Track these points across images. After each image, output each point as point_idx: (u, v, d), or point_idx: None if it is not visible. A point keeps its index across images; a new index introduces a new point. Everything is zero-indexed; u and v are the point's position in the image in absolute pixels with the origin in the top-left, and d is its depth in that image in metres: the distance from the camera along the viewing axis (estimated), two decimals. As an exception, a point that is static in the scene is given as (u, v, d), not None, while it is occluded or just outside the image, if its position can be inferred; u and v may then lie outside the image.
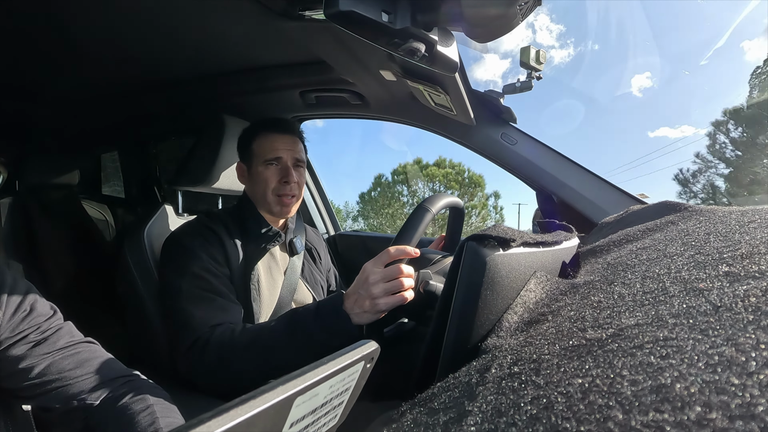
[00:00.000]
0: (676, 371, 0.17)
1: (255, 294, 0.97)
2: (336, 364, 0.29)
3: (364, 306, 0.71)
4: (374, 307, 0.70)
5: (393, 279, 0.70)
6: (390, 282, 0.70)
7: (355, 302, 0.72)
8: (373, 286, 0.70)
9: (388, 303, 0.70)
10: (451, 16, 0.64)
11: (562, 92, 46.63)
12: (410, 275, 0.72)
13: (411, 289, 0.72)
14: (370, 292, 0.70)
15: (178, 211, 1.24)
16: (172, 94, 1.42)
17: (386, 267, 0.71)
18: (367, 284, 0.70)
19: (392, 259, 0.71)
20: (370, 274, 0.71)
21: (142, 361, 0.97)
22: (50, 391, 0.58)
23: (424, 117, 1.35)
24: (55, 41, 1.06)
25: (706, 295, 0.23)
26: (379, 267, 0.71)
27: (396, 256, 0.71)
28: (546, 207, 1.25)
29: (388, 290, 0.70)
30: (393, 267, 0.70)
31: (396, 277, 0.70)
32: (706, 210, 0.50)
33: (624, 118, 47.17)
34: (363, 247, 1.73)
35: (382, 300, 0.70)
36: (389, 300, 0.70)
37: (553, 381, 0.20)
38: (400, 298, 0.70)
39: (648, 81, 46.05)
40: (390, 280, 0.70)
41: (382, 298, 0.70)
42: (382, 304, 0.70)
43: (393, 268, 0.70)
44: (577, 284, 0.40)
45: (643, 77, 48.20)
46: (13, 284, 0.59)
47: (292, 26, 0.90)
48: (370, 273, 0.71)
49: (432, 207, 0.77)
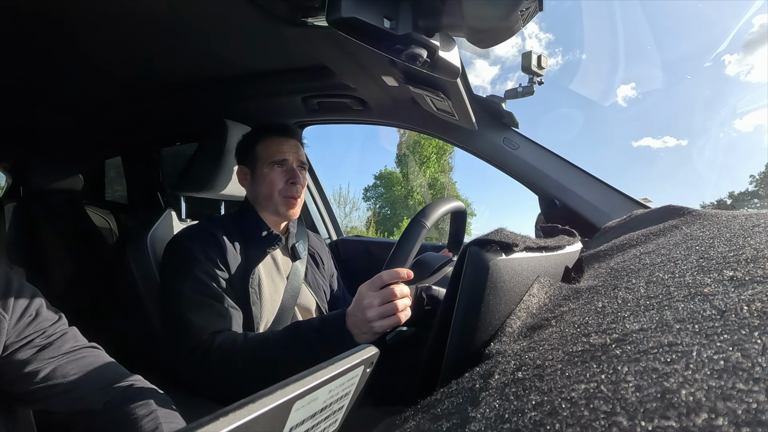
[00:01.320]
0: (681, 377, 0.17)
1: (255, 298, 0.97)
2: (335, 368, 0.29)
3: (363, 328, 0.72)
4: (371, 329, 0.71)
5: (387, 302, 0.71)
6: (384, 306, 0.71)
7: (354, 323, 0.73)
8: (368, 309, 0.71)
9: (383, 326, 0.71)
10: (453, 21, 0.64)
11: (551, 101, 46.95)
12: (405, 295, 0.72)
13: (408, 308, 0.73)
14: (365, 316, 0.71)
15: (181, 217, 1.24)
16: (175, 99, 1.43)
17: (381, 289, 0.71)
18: (362, 307, 0.72)
19: (385, 284, 0.71)
20: (364, 298, 0.72)
21: (144, 365, 0.97)
22: (54, 395, 0.59)
23: (426, 122, 1.35)
24: (60, 48, 1.07)
25: (711, 300, 0.23)
26: (374, 290, 0.72)
27: (389, 281, 0.71)
28: (549, 211, 1.25)
29: (382, 313, 0.71)
30: (386, 290, 0.71)
31: (390, 300, 0.71)
32: (711, 214, 0.50)
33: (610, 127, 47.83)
34: (365, 252, 1.73)
35: (377, 323, 0.71)
36: (384, 323, 0.71)
37: (557, 387, 0.20)
38: (395, 320, 0.71)
39: (632, 91, 46.58)
40: (385, 303, 0.71)
41: (377, 321, 0.71)
42: (378, 326, 0.71)
43: (386, 291, 0.71)
44: (580, 289, 0.39)
45: (628, 88, 48.72)
46: (19, 289, 0.59)
47: (295, 32, 0.90)
48: (365, 297, 0.72)
49: (427, 221, 0.76)
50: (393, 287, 0.71)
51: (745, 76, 45.47)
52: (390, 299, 0.71)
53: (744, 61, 44.72)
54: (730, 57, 47.66)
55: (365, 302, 0.71)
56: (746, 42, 43.80)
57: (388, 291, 0.71)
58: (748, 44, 43.15)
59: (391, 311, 0.71)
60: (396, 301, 0.71)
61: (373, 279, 0.72)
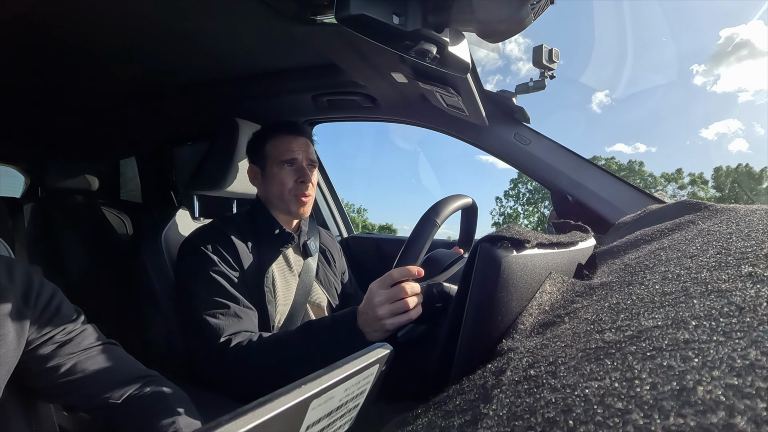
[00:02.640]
0: (698, 374, 0.16)
1: (270, 296, 0.98)
2: (351, 367, 0.29)
3: (374, 326, 0.72)
4: (382, 327, 0.71)
5: (398, 299, 0.71)
6: (395, 303, 0.71)
7: (365, 321, 0.74)
8: (379, 307, 0.71)
9: (394, 323, 0.71)
10: (462, 16, 0.64)
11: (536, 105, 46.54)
12: (416, 293, 0.72)
13: (419, 305, 0.73)
14: (376, 314, 0.71)
15: (194, 215, 1.26)
16: (187, 99, 1.44)
17: (392, 287, 0.71)
18: (372, 305, 0.72)
19: (395, 282, 0.71)
20: (375, 296, 0.72)
21: (160, 362, 0.98)
22: (74, 390, 0.60)
23: (436, 118, 1.34)
24: (74, 50, 1.09)
25: (729, 297, 0.23)
26: (384, 288, 0.72)
27: (399, 279, 0.71)
28: (561, 207, 1.23)
29: (393, 311, 0.71)
30: (397, 288, 0.71)
31: (401, 298, 0.71)
32: (728, 209, 0.48)
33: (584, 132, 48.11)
34: (376, 250, 1.73)
35: (388, 321, 0.71)
36: (395, 320, 0.71)
37: (570, 384, 0.20)
38: (406, 318, 0.71)
39: (606, 98, 46.36)
40: (395, 301, 0.71)
41: (388, 319, 0.71)
42: (389, 324, 0.71)
43: (397, 289, 0.71)
44: (593, 285, 0.39)
45: (602, 94, 48.45)
46: (41, 286, 0.61)
47: (304, 30, 0.91)
48: (375, 294, 0.72)
49: (438, 218, 0.76)
50: (403, 285, 0.71)
51: (710, 86, 45.45)
52: (400, 297, 0.71)
53: (710, 72, 44.98)
54: (698, 67, 48.12)
55: (376, 300, 0.71)
56: (713, 53, 43.83)
57: (399, 289, 0.71)
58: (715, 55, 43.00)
59: (402, 309, 0.71)
60: (407, 298, 0.71)
61: (384, 277, 0.72)
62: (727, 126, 67.19)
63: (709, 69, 43.19)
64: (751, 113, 78.60)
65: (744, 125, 74.55)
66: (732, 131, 77.74)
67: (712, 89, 43.72)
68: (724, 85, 44.77)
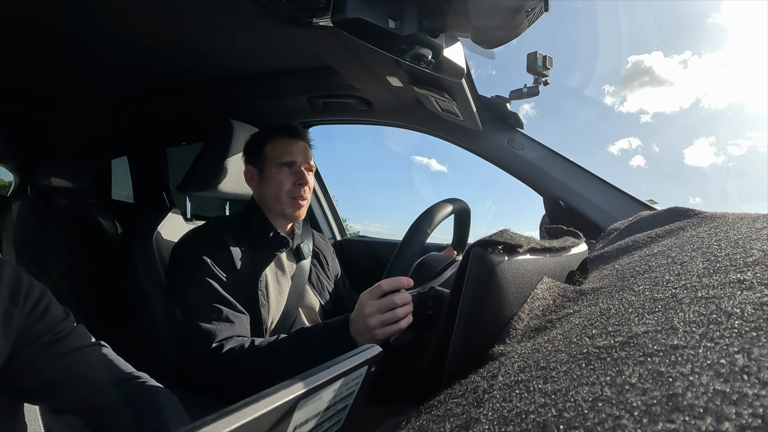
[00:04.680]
0: (687, 380, 0.17)
1: (263, 300, 0.97)
2: (339, 367, 0.29)
3: (365, 335, 0.72)
4: (373, 336, 0.71)
5: (388, 310, 0.71)
6: (385, 314, 0.71)
7: (356, 330, 0.74)
8: (369, 318, 0.71)
9: (385, 333, 0.71)
10: (458, 22, 0.64)
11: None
12: (406, 303, 0.72)
13: (410, 315, 0.73)
14: (367, 324, 0.71)
15: (186, 216, 1.25)
16: (181, 99, 1.43)
17: (381, 297, 0.72)
18: (363, 315, 0.72)
19: (385, 293, 0.71)
20: (365, 307, 0.72)
21: (149, 364, 0.97)
22: (62, 391, 0.59)
23: (430, 123, 1.35)
24: (67, 49, 1.08)
25: (718, 303, 0.23)
26: (374, 299, 0.72)
27: (389, 290, 0.71)
28: (553, 212, 1.24)
29: (383, 322, 0.71)
30: (386, 299, 0.71)
31: (390, 308, 0.71)
32: (717, 216, 0.49)
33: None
34: (369, 253, 1.72)
35: (378, 331, 0.71)
36: (385, 330, 0.71)
37: (561, 389, 0.20)
38: (396, 328, 0.71)
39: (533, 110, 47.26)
40: (385, 311, 0.71)
41: (379, 329, 0.71)
42: (380, 334, 0.71)
43: (386, 300, 0.71)
44: (585, 291, 0.39)
45: (528, 107, 49.54)
46: (29, 286, 0.60)
47: (300, 33, 0.91)
48: (366, 305, 0.72)
49: (427, 226, 0.76)
50: (393, 296, 0.71)
51: (618, 106, 46.64)
52: (391, 308, 0.71)
53: (618, 93, 46.41)
54: (609, 88, 49.74)
55: (366, 311, 0.71)
56: (622, 76, 45.24)
57: (389, 300, 0.71)
58: (624, 78, 44.30)
59: (392, 320, 0.71)
60: (397, 309, 0.71)
61: (374, 288, 0.73)
62: (629, 142, 69.75)
63: (617, 90, 44.70)
64: (649, 133, 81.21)
65: (642, 143, 77.07)
66: (633, 148, 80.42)
67: (619, 109, 45.05)
68: (629, 105, 46.04)
